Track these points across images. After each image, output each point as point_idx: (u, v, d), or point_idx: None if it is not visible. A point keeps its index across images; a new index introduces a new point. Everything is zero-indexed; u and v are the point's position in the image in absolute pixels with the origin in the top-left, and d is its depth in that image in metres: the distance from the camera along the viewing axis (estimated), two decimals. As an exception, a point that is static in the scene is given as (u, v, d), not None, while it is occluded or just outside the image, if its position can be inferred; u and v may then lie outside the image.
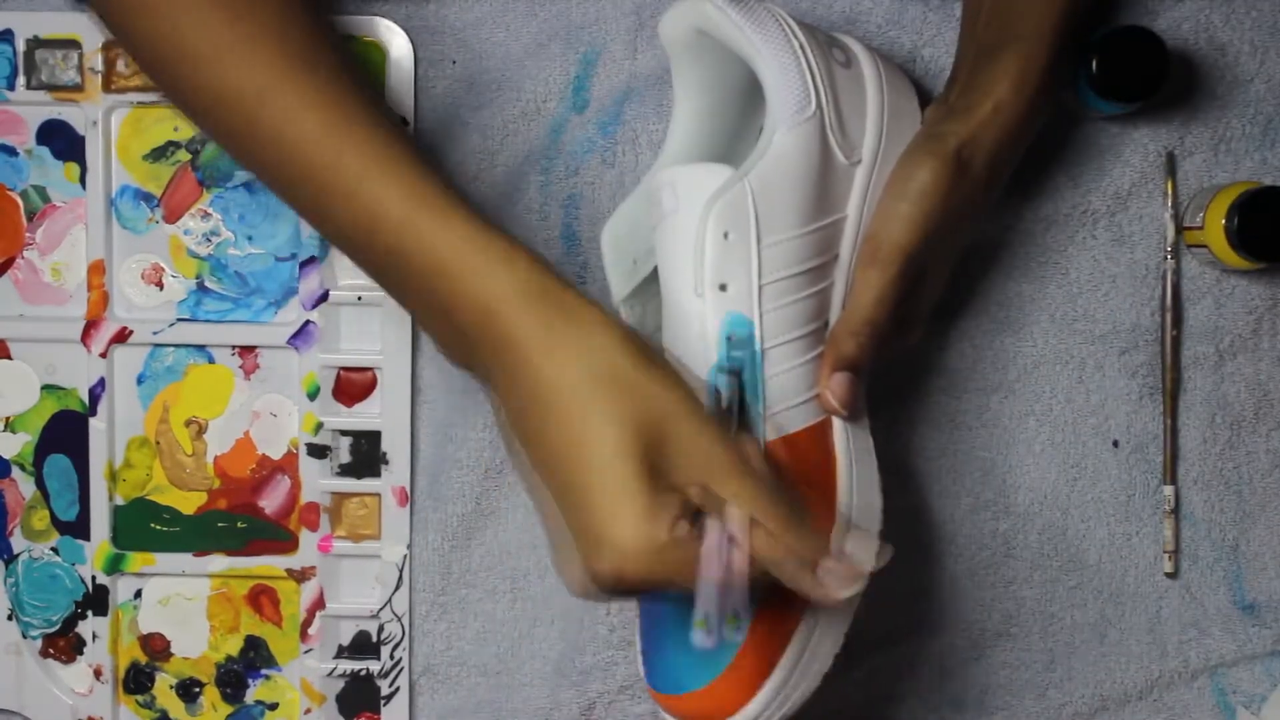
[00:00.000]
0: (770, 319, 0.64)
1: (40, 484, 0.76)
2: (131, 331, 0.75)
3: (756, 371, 0.64)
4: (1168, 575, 0.75)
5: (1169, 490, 0.75)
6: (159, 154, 0.75)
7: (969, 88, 0.68)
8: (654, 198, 0.65)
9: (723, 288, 0.63)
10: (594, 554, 0.56)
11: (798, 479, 0.64)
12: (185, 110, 0.64)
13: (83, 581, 0.76)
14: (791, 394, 0.64)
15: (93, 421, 0.75)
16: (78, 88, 0.74)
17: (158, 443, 0.76)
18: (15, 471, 0.76)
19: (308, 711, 0.76)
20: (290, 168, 0.60)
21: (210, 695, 0.77)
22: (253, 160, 0.62)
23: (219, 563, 0.76)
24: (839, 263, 0.66)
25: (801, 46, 0.65)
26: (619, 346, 0.57)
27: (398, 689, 0.76)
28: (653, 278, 0.68)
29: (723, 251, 0.63)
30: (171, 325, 0.75)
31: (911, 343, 0.70)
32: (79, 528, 0.76)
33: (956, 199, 0.66)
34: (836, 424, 0.66)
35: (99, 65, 0.74)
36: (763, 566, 0.57)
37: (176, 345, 0.76)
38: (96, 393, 0.75)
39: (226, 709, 0.77)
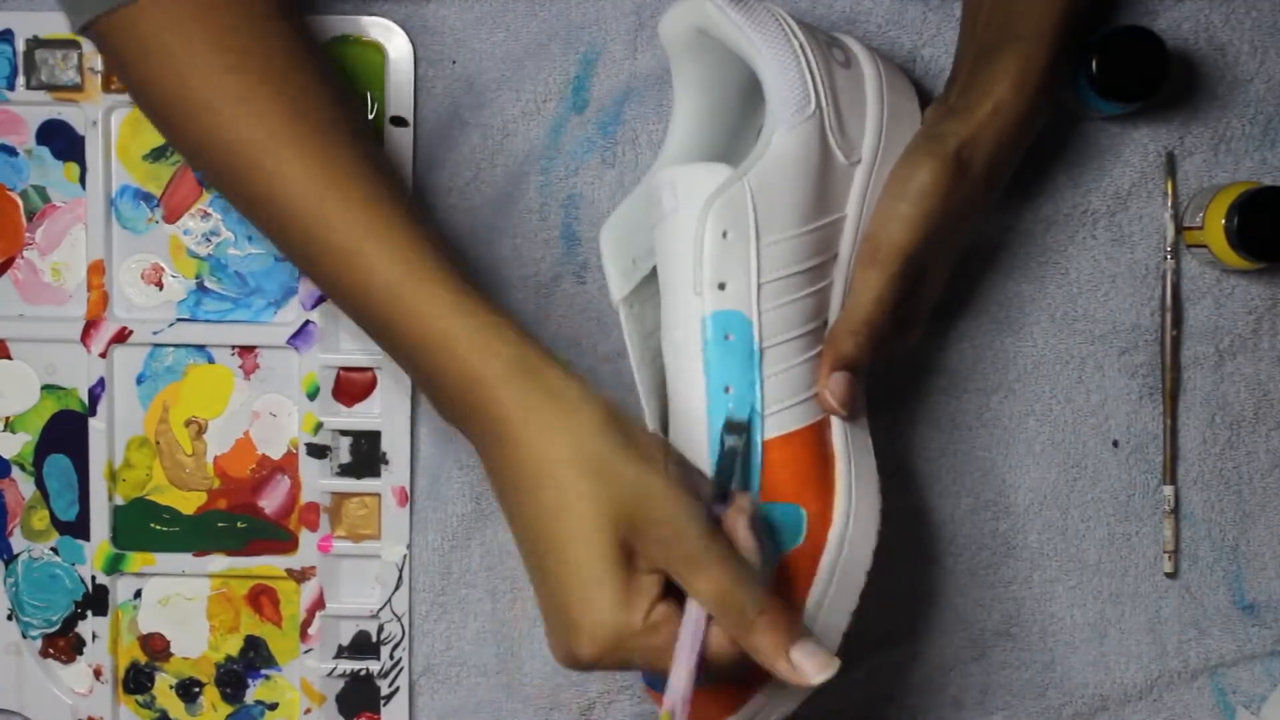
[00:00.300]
0: (769, 318, 0.64)
1: (40, 484, 0.76)
2: (131, 331, 0.75)
3: (754, 371, 0.64)
4: (1168, 575, 0.75)
5: (1169, 490, 0.75)
6: (159, 154, 0.75)
7: (969, 87, 0.68)
8: (653, 197, 0.65)
9: (721, 286, 0.63)
10: (569, 638, 0.56)
11: (796, 478, 0.64)
12: (184, 155, 0.63)
13: (82, 581, 0.76)
14: (790, 392, 0.64)
15: (92, 421, 0.75)
16: (77, 88, 0.74)
17: (157, 443, 0.76)
18: (15, 471, 0.76)
19: (308, 711, 0.76)
20: (283, 226, 0.60)
21: (210, 695, 0.77)
22: (247, 212, 0.62)
23: (219, 563, 0.76)
24: (838, 262, 0.66)
25: (801, 46, 0.65)
26: (600, 428, 0.57)
27: (398, 689, 0.76)
28: (652, 277, 0.68)
29: (721, 250, 0.63)
30: (171, 325, 0.75)
31: (911, 342, 0.70)
32: (79, 528, 0.76)
33: (956, 199, 0.66)
34: (835, 423, 0.66)
35: (99, 65, 0.74)
36: (735, 653, 0.57)
37: (176, 345, 0.76)
38: (96, 393, 0.75)
39: (226, 709, 0.77)
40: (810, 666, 0.56)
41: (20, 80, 0.74)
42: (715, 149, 0.70)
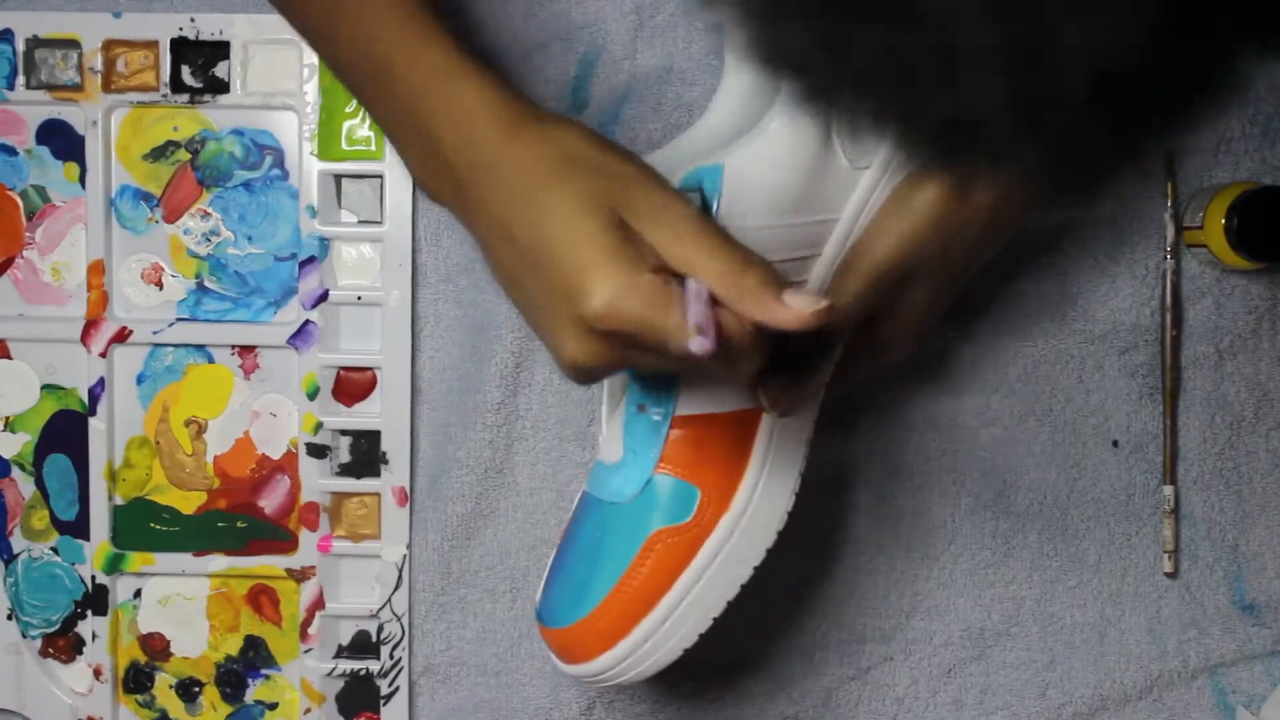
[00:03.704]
0: None
1: (40, 484, 0.76)
2: (131, 331, 0.75)
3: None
4: (1168, 575, 0.75)
5: (1169, 490, 0.75)
6: (159, 154, 0.75)
7: None
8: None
9: None
10: (579, 299, 0.56)
11: (701, 459, 0.64)
12: None
13: (82, 581, 0.76)
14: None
15: (92, 421, 0.75)
16: (77, 87, 0.74)
17: (157, 442, 0.76)
18: (15, 471, 0.76)
19: (307, 711, 0.76)
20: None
21: (210, 695, 0.77)
22: None
23: (219, 562, 0.76)
24: (821, 260, 0.65)
25: None
26: (581, 135, 0.58)
27: (397, 689, 0.76)
28: None
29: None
30: (171, 325, 0.75)
31: (896, 359, 0.68)
32: (79, 527, 0.76)
33: (952, 226, 0.65)
34: (765, 421, 0.65)
35: (99, 65, 0.74)
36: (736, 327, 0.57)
37: (176, 345, 0.76)
38: (96, 393, 0.75)
39: (226, 709, 0.77)
40: (803, 302, 0.56)
41: (20, 80, 0.75)
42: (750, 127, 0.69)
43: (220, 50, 0.75)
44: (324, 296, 0.75)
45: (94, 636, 0.76)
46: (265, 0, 0.75)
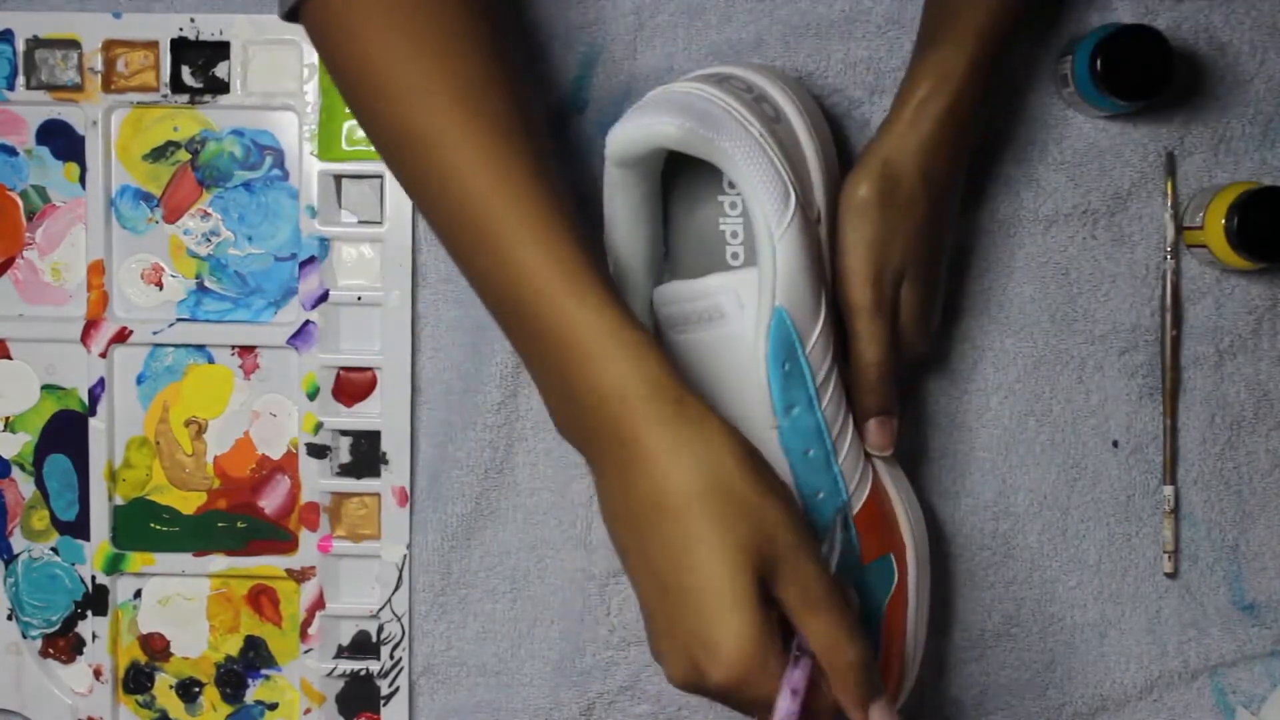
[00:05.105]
0: (829, 413, 0.65)
1: (40, 484, 0.76)
2: (131, 331, 0.75)
3: (835, 471, 0.66)
4: (1168, 575, 0.75)
5: (1169, 490, 0.75)
6: (159, 154, 0.75)
7: (896, 97, 0.68)
8: (703, 301, 0.65)
9: (789, 409, 0.64)
10: (702, 657, 0.56)
11: (881, 530, 0.67)
12: (377, 145, 0.62)
13: (82, 581, 0.76)
14: (857, 464, 0.67)
15: (92, 421, 0.75)
16: (77, 88, 0.74)
17: (157, 443, 0.76)
18: (15, 471, 0.76)
19: (307, 711, 0.76)
20: (450, 219, 0.60)
21: (210, 695, 0.77)
22: (423, 205, 0.61)
23: (219, 563, 0.76)
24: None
25: (761, 134, 0.64)
26: (737, 460, 0.57)
27: (397, 689, 0.76)
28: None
29: (784, 381, 0.64)
30: (171, 325, 0.75)
31: (919, 353, 0.70)
32: (79, 528, 0.76)
33: (895, 215, 0.66)
34: (877, 462, 0.68)
35: (99, 65, 0.74)
36: (828, 705, 0.59)
37: (176, 345, 0.76)
38: (96, 393, 0.75)
39: (226, 709, 0.77)
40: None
41: (20, 80, 0.74)
42: (656, 246, 0.70)
43: (220, 50, 0.75)
44: (324, 297, 0.75)
45: (94, 637, 0.76)
46: (265, 0, 0.75)
